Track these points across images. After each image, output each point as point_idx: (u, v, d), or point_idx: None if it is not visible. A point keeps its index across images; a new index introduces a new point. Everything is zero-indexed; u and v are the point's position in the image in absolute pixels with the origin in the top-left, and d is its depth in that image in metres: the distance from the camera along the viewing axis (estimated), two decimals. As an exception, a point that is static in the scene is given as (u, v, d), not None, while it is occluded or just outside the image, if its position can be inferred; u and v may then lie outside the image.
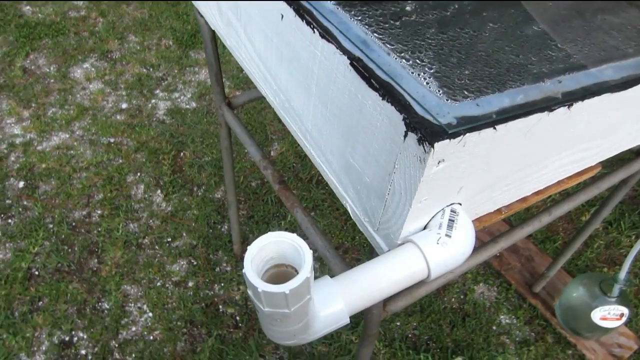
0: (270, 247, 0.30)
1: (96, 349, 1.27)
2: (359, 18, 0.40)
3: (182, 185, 1.67)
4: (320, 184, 1.72)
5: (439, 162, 0.32)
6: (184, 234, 1.53)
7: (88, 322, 1.31)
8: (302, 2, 0.41)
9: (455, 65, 0.37)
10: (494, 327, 1.35)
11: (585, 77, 0.40)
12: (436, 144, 0.30)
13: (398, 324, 1.35)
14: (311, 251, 0.30)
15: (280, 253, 0.31)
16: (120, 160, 1.73)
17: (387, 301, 0.67)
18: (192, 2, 0.77)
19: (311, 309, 0.31)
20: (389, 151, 0.34)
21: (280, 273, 0.31)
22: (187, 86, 2.08)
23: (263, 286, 0.26)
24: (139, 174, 1.69)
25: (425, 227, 0.38)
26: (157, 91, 2.04)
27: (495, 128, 0.32)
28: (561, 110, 0.36)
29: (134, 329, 1.31)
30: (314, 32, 0.39)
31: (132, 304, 1.35)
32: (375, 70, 0.34)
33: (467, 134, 0.31)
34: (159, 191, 1.65)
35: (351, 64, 0.35)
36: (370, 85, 0.34)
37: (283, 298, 0.26)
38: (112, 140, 1.80)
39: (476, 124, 0.32)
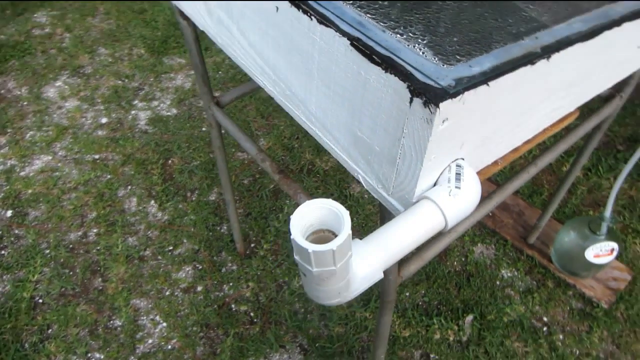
0: (311, 214, 0.33)
1: (116, 364, 1.28)
2: (351, 2, 0.43)
3: (175, 193, 1.68)
4: (311, 172, 1.75)
5: (444, 120, 0.35)
6: (185, 240, 1.55)
7: (103, 342, 1.32)
8: (293, -7, 0.44)
9: (444, 35, 0.40)
10: (498, 282, 1.41)
11: (558, 31, 0.44)
12: (441, 104, 0.33)
13: (407, 294, 1.40)
14: (348, 211, 0.33)
15: (319, 219, 0.34)
16: (109, 176, 1.73)
17: (401, 266, 0.71)
18: (175, 4, 0.79)
19: (351, 267, 0.35)
20: (396, 118, 0.38)
21: (319, 239, 0.34)
22: (165, 93, 2.08)
23: (313, 247, 0.29)
24: (129, 187, 1.70)
25: (435, 184, 0.42)
26: (136, 102, 2.04)
27: (488, 84, 0.36)
28: (541, 63, 0.40)
29: (150, 341, 1.33)
30: (312, 19, 0.42)
31: (145, 317, 1.37)
32: (375, 47, 0.38)
33: (465, 92, 0.35)
34: (152, 201, 1.66)
35: (352, 44, 0.39)
36: (373, 61, 0.37)
37: (331, 256, 0.30)
38: (96, 156, 1.80)
39: (472, 83, 0.35)
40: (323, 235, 0.34)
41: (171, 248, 1.52)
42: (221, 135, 1.13)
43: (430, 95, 0.34)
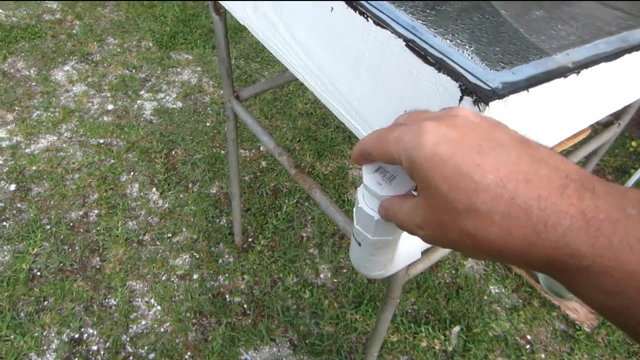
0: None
1: (108, 344, 1.29)
2: (402, 8, 0.48)
3: (177, 183, 1.70)
4: (311, 175, 1.79)
5: (488, 119, 0.40)
6: (184, 229, 1.57)
7: (97, 318, 1.33)
8: (351, -5, 0.49)
9: (488, 44, 0.45)
10: (485, 297, 1.46)
11: (585, 50, 0.49)
12: (491, 104, 0.38)
13: (398, 301, 1.44)
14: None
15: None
16: (112, 161, 1.74)
17: (409, 265, 0.75)
18: (219, 1, 0.83)
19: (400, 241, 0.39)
20: (442, 114, 0.42)
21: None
22: (172, 86, 2.11)
23: (378, 215, 0.33)
24: (132, 173, 1.72)
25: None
26: (142, 92, 2.06)
27: (528, 91, 0.41)
28: (572, 76, 0.45)
29: (143, 322, 1.34)
30: (368, 20, 0.46)
31: (139, 299, 1.39)
32: (429, 49, 0.42)
33: (511, 95, 0.39)
34: (154, 189, 1.68)
35: (407, 45, 0.43)
36: (426, 62, 0.42)
37: (391, 225, 0.33)
38: (101, 141, 1.81)
39: (515, 87, 0.40)
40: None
41: (170, 235, 1.54)
42: (236, 128, 1.16)
43: (480, 94, 0.38)
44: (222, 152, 1.83)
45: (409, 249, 0.40)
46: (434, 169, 0.26)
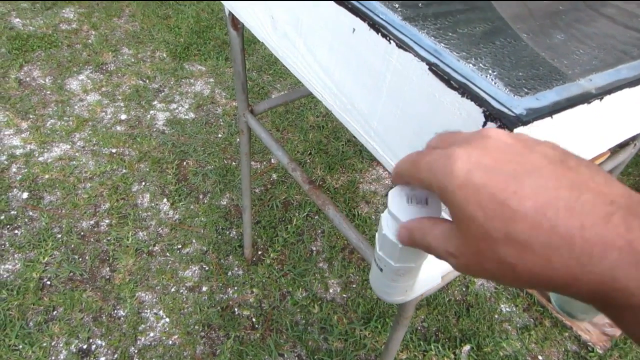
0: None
1: (116, 356, 1.29)
2: (425, 32, 0.48)
3: (187, 194, 1.71)
4: (322, 188, 1.79)
5: (511, 145, 0.39)
6: (194, 241, 1.57)
7: (105, 329, 1.33)
8: (374, 17, 0.49)
9: (511, 68, 0.45)
10: (496, 316, 1.44)
11: (608, 75, 0.49)
12: (515, 130, 0.37)
13: (410, 320, 1.42)
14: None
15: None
16: (124, 170, 1.76)
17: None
18: (233, 14, 0.84)
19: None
20: (465, 139, 0.42)
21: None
22: (184, 97, 2.13)
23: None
24: (143, 183, 1.73)
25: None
26: (155, 102, 2.08)
27: (552, 117, 0.41)
28: (596, 102, 0.45)
29: (152, 334, 1.34)
30: (390, 43, 0.47)
31: (148, 310, 1.38)
32: (452, 73, 0.42)
33: (534, 122, 0.39)
34: (165, 200, 1.68)
35: (430, 69, 0.43)
36: (450, 86, 0.42)
37: (414, 252, 0.33)
38: (114, 150, 1.83)
39: (539, 114, 0.40)
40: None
41: (180, 246, 1.54)
42: (250, 142, 1.17)
43: (505, 120, 0.38)
44: (234, 163, 1.83)
45: (430, 274, 0.40)
46: (468, 197, 0.25)
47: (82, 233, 1.54)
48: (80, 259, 1.47)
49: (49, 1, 2.59)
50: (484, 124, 0.40)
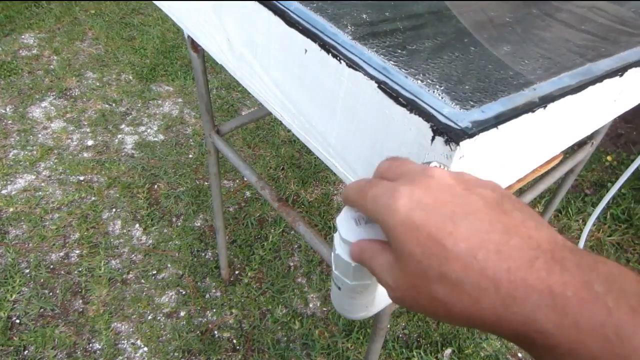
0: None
1: (92, 389, 1.25)
2: (374, 50, 0.49)
3: (160, 217, 1.68)
4: (296, 203, 1.79)
5: (460, 157, 0.41)
6: (169, 265, 1.54)
7: (80, 363, 1.29)
8: (324, 38, 0.50)
9: (457, 82, 0.46)
10: (474, 318, 1.46)
11: (551, 84, 0.51)
12: (461, 143, 0.39)
13: (388, 326, 1.43)
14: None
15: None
16: (93, 198, 1.72)
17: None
18: (192, 38, 0.84)
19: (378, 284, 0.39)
20: (417, 153, 0.43)
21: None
22: (153, 119, 2.11)
23: (355, 262, 0.33)
24: (114, 209, 1.69)
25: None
26: (123, 126, 2.05)
27: (497, 128, 0.42)
28: (540, 111, 0.46)
29: (129, 364, 1.31)
30: (340, 63, 0.47)
31: (125, 341, 1.35)
32: (400, 90, 0.43)
33: (480, 134, 0.40)
34: (137, 225, 1.65)
35: (379, 87, 0.44)
36: (398, 103, 0.43)
37: (368, 270, 0.33)
38: (81, 178, 1.79)
39: (485, 125, 0.41)
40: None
41: (155, 272, 1.51)
42: (218, 162, 1.16)
43: (451, 134, 0.39)
44: (206, 183, 1.82)
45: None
46: (408, 234, 0.26)
47: (51, 266, 1.50)
48: (51, 294, 1.43)
49: (9, 24, 2.54)
50: (433, 139, 0.41)
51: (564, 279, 0.22)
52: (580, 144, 1.07)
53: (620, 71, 0.56)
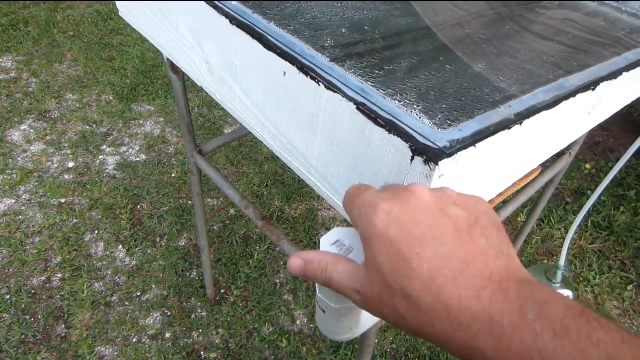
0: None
1: (76, 418, 1.22)
2: (352, 71, 0.50)
3: (144, 238, 1.66)
4: (281, 219, 1.78)
5: (440, 176, 0.41)
6: (154, 286, 1.52)
7: (63, 391, 1.26)
8: (302, 60, 0.50)
9: (435, 101, 0.47)
10: (463, 329, 1.46)
11: (526, 100, 0.52)
12: (440, 163, 0.39)
13: (376, 341, 1.42)
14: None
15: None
16: (75, 220, 1.69)
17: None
18: (171, 60, 0.84)
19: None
20: (397, 173, 0.44)
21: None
22: (134, 139, 2.09)
23: None
24: (96, 231, 1.67)
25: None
26: (104, 147, 2.03)
27: (475, 146, 0.43)
28: (516, 127, 0.47)
29: (114, 390, 1.27)
30: (319, 85, 0.48)
31: (109, 365, 1.32)
32: (379, 111, 0.44)
33: (459, 153, 0.41)
34: (120, 247, 1.63)
35: (358, 108, 0.45)
36: (377, 124, 0.43)
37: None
38: (62, 200, 1.76)
39: (463, 144, 0.42)
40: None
41: (139, 294, 1.49)
42: (201, 182, 1.16)
43: (430, 154, 0.40)
44: (189, 202, 1.80)
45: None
46: (381, 247, 0.28)
47: (32, 291, 1.46)
48: (33, 319, 1.39)
49: None
50: (412, 159, 0.41)
51: (504, 307, 0.25)
52: (559, 154, 1.09)
53: (592, 85, 0.57)
